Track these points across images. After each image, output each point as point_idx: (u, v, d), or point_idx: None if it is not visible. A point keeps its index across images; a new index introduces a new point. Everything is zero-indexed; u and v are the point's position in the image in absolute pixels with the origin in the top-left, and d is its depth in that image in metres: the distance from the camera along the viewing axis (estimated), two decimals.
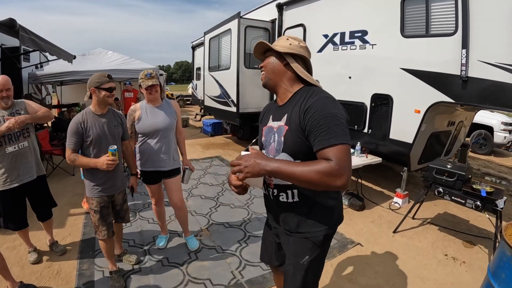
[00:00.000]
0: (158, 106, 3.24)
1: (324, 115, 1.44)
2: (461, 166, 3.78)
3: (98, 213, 2.85)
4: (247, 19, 7.93)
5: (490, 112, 9.29)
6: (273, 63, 1.68)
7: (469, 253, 3.73)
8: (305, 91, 1.62)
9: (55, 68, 9.04)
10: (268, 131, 1.76)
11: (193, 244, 3.66)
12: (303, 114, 1.51)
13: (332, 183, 1.36)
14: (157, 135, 3.19)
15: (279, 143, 1.64)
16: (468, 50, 3.79)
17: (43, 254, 3.53)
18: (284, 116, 1.63)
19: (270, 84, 1.72)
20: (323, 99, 1.51)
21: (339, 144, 1.39)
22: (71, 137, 2.67)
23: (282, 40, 1.69)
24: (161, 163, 3.27)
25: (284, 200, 1.71)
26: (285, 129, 1.60)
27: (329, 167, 1.35)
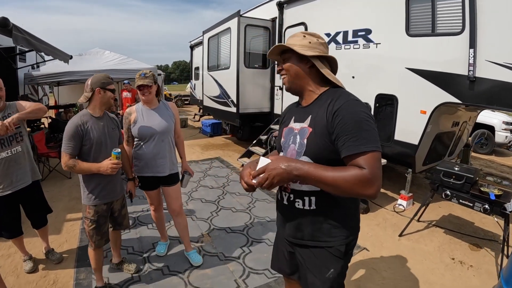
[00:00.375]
0: (155, 109, 3.10)
1: (355, 119, 1.37)
2: (469, 168, 3.69)
3: (95, 223, 2.72)
4: (247, 18, 7.84)
5: (491, 112, 9.22)
6: (296, 67, 1.58)
7: (476, 257, 3.66)
8: (332, 93, 1.53)
9: (51, 69, 8.93)
10: (288, 132, 1.67)
11: (196, 259, 3.42)
12: (331, 116, 1.42)
13: (363, 192, 1.31)
14: (153, 139, 3.04)
15: (301, 145, 1.55)
16: (476, 49, 3.70)
17: (39, 263, 3.42)
18: (308, 118, 1.56)
19: (295, 89, 1.64)
20: (352, 101, 1.43)
21: (371, 151, 1.33)
22: (69, 141, 2.49)
23: (298, 38, 1.57)
24: (159, 168, 3.12)
25: (299, 207, 1.61)
26: (309, 131, 1.52)
27: (362, 175, 1.29)
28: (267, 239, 3.90)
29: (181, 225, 3.40)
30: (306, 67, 1.56)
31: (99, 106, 2.66)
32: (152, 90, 3.00)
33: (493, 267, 3.46)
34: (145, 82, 2.93)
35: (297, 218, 1.64)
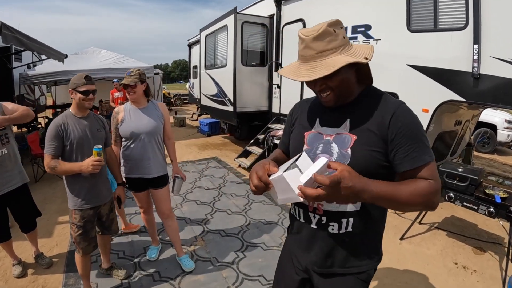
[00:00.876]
0: (143, 108, 3.01)
1: (417, 126, 1.21)
2: (473, 169, 3.56)
3: (82, 229, 2.62)
4: (244, 15, 7.74)
5: (493, 110, 9.10)
6: (347, 79, 1.25)
7: (479, 261, 3.53)
8: (373, 93, 1.32)
9: (47, 68, 8.87)
10: (315, 138, 1.37)
11: (188, 264, 3.30)
12: (388, 123, 1.20)
13: (434, 205, 1.20)
14: (140, 140, 2.96)
15: (342, 156, 1.26)
16: (480, 45, 3.55)
17: (29, 267, 3.33)
18: (346, 122, 1.29)
19: (342, 101, 1.32)
20: (405, 105, 1.26)
21: (432, 160, 1.20)
22: (50, 142, 2.44)
23: (330, 37, 1.17)
24: (146, 170, 3.03)
25: (334, 232, 1.34)
26: (352, 139, 1.26)
27: (434, 187, 1.17)
28: (263, 243, 3.77)
29: (172, 228, 3.28)
30: (353, 72, 1.27)
31: (77, 106, 2.60)
32: (137, 89, 2.91)
33: (497, 272, 3.33)
34: (128, 81, 2.85)
35: (328, 244, 1.37)
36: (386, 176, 1.22)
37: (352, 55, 1.17)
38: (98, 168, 2.45)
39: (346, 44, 1.19)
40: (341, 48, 1.18)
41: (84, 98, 2.52)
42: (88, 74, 2.58)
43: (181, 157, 7.94)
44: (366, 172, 1.14)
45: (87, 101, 2.54)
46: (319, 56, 1.17)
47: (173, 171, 3.25)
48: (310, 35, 1.17)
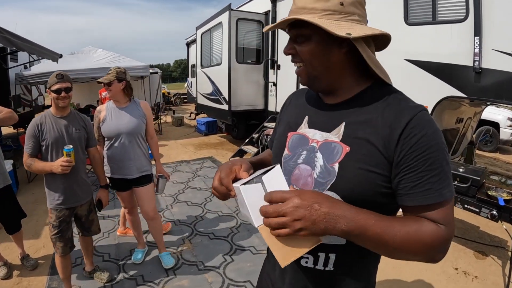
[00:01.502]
0: (124, 108, 2.99)
1: (438, 145, 0.84)
2: (475, 169, 3.38)
3: (57, 228, 2.60)
4: (239, 11, 7.66)
5: (495, 108, 8.93)
6: (321, 54, 0.92)
7: (481, 266, 3.37)
8: (383, 93, 0.94)
9: (42, 68, 8.81)
10: (299, 142, 1.05)
11: (168, 261, 3.26)
12: (398, 136, 0.85)
13: (432, 258, 0.84)
14: (121, 139, 2.95)
15: (326, 173, 0.93)
16: (481, 37, 3.36)
17: (15, 268, 3.29)
18: (340, 126, 0.95)
19: (318, 86, 1.00)
20: (423, 111, 0.88)
21: (451, 198, 0.85)
22: (28, 140, 2.48)
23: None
24: (127, 171, 3.02)
25: (309, 266, 1.02)
26: (344, 150, 0.92)
27: (443, 236, 0.82)
28: (252, 247, 3.62)
29: (156, 229, 3.27)
30: (341, 52, 0.92)
31: (54, 106, 2.58)
32: (112, 87, 2.90)
33: (500, 278, 3.17)
34: (103, 79, 2.87)
35: (300, 278, 1.06)
36: (385, 208, 0.90)
37: (333, 25, 0.86)
38: (67, 169, 2.42)
39: (340, 12, 0.88)
40: (327, 12, 0.87)
41: (57, 96, 2.48)
42: (61, 72, 2.53)
43: (176, 157, 7.85)
44: (358, 199, 0.87)
45: (60, 99, 2.50)
46: (297, 11, 0.91)
47: (157, 171, 3.28)
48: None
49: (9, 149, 7.01)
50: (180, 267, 3.26)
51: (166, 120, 13.94)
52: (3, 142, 7.60)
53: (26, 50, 6.08)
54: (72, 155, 2.41)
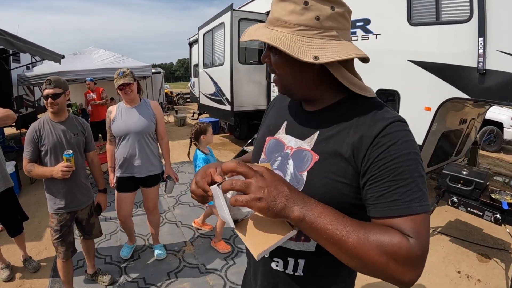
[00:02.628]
0: (134, 107, 3.05)
1: (409, 156, 0.79)
2: (479, 172, 3.35)
3: (58, 233, 2.61)
4: (241, 11, 7.63)
5: (499, 107, 8.85)
6: (292, 71, 0.91)
7: (484, 269, 3.33)
8: (359, 103, 0.92)
9: (45, 69, 8.81)
10: (275, 147, 1.04)
11: (159, 252, 3.47)
12: (367, 146, 0.82)
13: (398, 276, 0.72)
14: (129, 138, 3.00)
15: (295, 180, 0.93)
16: (486, 38, 3.32)
17: (17, 271, 3.31)
18: (314, 135, 0.94)
19: (294, 96, 0.99)
20: (398, 122, 0.84)
21: (425, 213, 0.77)
22: (27, 146, 2.48)
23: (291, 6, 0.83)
24: (135, 169, 3.07)
25: (279, 269, 1.01)
26: (313, 159, 0.91)
27: (407, 248, 0.72)
28: None
29: (153, 222, 3.44)
30: (313, 71, 0.89)
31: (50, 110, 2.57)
32: (133, 87, 2.97)
33: (502, 281, 3.14)
34: (126, 80, 2.87)
35: (270, 281, 1.05)
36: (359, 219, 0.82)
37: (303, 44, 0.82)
38: (67, 174, 2.42)
39: (314, 28, 0.82)
40: (300, 27, 0.82)
41: (46, 102, 2.48)
42: (50, 78, 2.50)
43: (179, 157, 7.82)
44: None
45: (49, 105, 2.48)
46: (271, 22, 0.87)
47: (166, 172, 3.29)
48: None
49: (12, 150, 7.02)
50: (182, 270, 3.25)
51: (169, 120, 13.93)
52: (6, 143, 7.62)
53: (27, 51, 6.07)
54: (72, 160, 2.41)
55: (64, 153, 2.39)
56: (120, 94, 2.96)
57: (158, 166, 3.19)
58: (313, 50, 0.81)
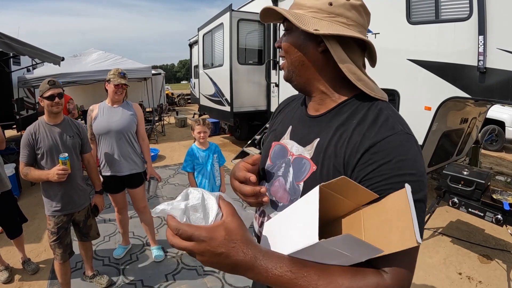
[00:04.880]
0: (117, 107, 3.12)
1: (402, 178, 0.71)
2: (480, 172, 3.31)
3: (55, 235, 2.60)
4: (240, 12, 7.61)
5: (501, 106, 8.80)
6: (298, 51, 0.91)
7: (485, 270, 3.29)
8: (363, 106, 0.87)
9: (45, 71, 8.78)
10: (279, 153, 1.01)
11: (157, 254, 3.46)
12: (359, 154, 0.77)
13: None
14: (111, 137, 3.04)
15: (293, 190, 0.91)
16: (486, 36, 3.29)
17: (16, 272, 3.32)
18: (314, 142, 0.90)
19: (297, 82, 0.96)
20: (400, 138, 0.77)
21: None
22: (23, 150, 2.49)
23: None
24: (117, 168, 3.11)
25: None
26: (311, 169, 0.87)
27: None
28: None
29: (146, 221, 3.46)
30: (317, 51, 0.88)
31: (47, 114, 2.58)
32: (124, 91, 3.11)
33: (504, 283, 3.09)
34: (126, 81, 3.02)
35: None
36: None
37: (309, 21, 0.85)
38: (63, 177, 2.42)
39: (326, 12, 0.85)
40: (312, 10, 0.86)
41: (51, 103, 2.48)
42: (52, 79, 2.55)
43: (179, 158, 7.81)
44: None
45: (54, 105, 2.50)
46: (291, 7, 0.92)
47: (148, 173, 3.34)
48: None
49: (13, 152, 7.00)
50: (179, 272, 3.23)
51: (170, 121, 13.92)
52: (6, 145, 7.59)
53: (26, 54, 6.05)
54: (67, 163, 2.41)
55: (60, 156, 2.39)
56: (110, 92, 3.02)
57: (140, 165, 3.23)
58: (317, 25, 0.83)
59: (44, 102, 2.47)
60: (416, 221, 0.60)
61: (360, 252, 0.63)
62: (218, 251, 0.66)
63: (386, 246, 0.61)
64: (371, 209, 0.70)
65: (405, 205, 0.63)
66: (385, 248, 0.61)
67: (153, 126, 10.60)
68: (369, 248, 0.61)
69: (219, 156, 3.64)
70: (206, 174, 3.52)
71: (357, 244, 0.61)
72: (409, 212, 0.61)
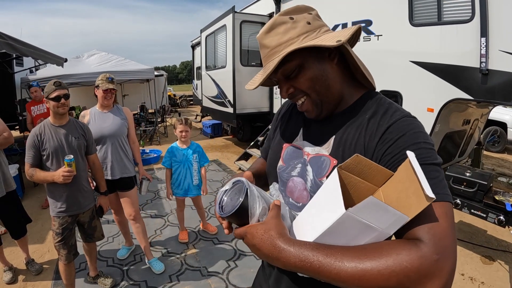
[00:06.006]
0: (108, 112, 3.15)
1: (418, 146, 0.77)
2: (482, 173, 3.31)
3: (60, 236, 2.62)
4: (243, 14, 7.63)
5: (503, 108, 8.78)
6: (320, 73, 0.92)
7: (488, 271, 3.30)
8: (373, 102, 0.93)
9: (48, 72, 8.82)
10: (293, 154, 1.05)
11: (157, 267, 3.29)
12: (375, 142, 0.84)
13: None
14: (104, 142, 3.09)
15: (316, 187, 0.92)
16: (488, 38, 3.29)
17: (20, 273, 3.33)
18: (330, 140, 0.95)
19: (326, 108, 0.97)
20: (407, 118, 0.85)
21: (442, 201, 0.71)
22: (28, 151, 2.48)
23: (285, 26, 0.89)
24: (109, 172, 3.13)
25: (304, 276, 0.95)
26: (332, 163, 0.92)
27: (418, 260, 0.63)
28: None
29: (138, 230, 3.32)
30: (333, 64, 0.93)
31: (53, 115, 2.58)
32: (113, 96, 3.14)
33: (507, 284, 3.10)
34: (114, 86, 3.04)
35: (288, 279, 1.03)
36: None
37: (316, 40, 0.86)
38: (69, 179, 2.43)
39: (314, 30, 0.89)
40: (303, 35, 0.87)
41: (57, 104, 2.49)
42: (58, 80, 2.57)
43: None
44: None
45: (60, 107, 2.51)
46: (273, 53, 0.90)
47: (140, 174, 3.44)
48: (261, 33, 0.93)
49: (15, 153, 7.04)
50: (183, 273, 3.24)
51: (172, 122, 13.92)
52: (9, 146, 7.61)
53: (29, 55, 6.08)
54: (73, 165, 2.41)
55: (65, 158, 2.40)
56: (100, 98, 3.05)
57: (131, 169, 3.27)
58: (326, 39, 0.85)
59: (50, 103, 2.48)
60: (425, 180, 0.62)
61: (386, 221, 0.65)
62: (251, 243, 0.77)
63: (409, 212, 0.63)
64: (388, 186, 0.75)
65: (411, 169, 0.66)
66: (408, 215, 0.63)
67: (156, 127, 10.62)
68: (393, 213, 0.63)
69: (200, 156, 3.74)
70: (183, 173, 3.65)
71: (381, 210, 0.63)
72: (418, 174, 0.64)
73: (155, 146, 9.23)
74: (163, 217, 4.54)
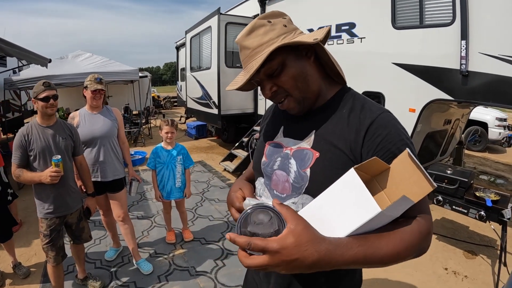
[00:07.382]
0: (97, 113, 3.14)
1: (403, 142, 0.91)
2: (463, 171, 3.43)
3: (48, 237, 2.59)
4: (228, 15, 7.66)
5: (484, 108, 9.03)
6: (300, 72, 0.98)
7: (471, 265, 3.40)
8: (349, 97, 1.03)
9: (31, 73, 8.62)
10: (274, 150, 1.12)
11: (145, 267, 3.27)
12: (362, 138, 0.93)
13: (425, 251, 0.88)
14: (95, 144, 3.07)
15: (300, 178, 1.00)
16: (468, 41, 3.41)
17: (7, 277, 3.28)
18: (310, 135, 1.02)
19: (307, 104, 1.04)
20: (386, 112, 0.97)
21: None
22: (15, 151, 2.46)
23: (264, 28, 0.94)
24: (101, 174, 3.12)
25: None
26: (314, 156, 0.99)
27: (426, 229, 0.86)
28: None
29: (127, 231, 3.31)
30: (311, 61, 1.01)
31: (41, 115, 2.56)
32: (102, 96, 3.10)
33: (489, 277, 3.20)
34: (102, 86, 3.01)
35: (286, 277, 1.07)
36: None
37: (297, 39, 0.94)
38: (56, 179, 2.41)
39: (290, 32, 0.96)
40: (282, 36, 0.94)
41: (46, 105, 2.48)
42: (46, 80, 2.55)
43: None
44: None
45: (49, 107, 2.50)
46: (255, 53, 0.95)
47: (130, 174, 3.43)
48: (241, 35, 0.98)
49: None
50: (172, 273, 3.25)
51: (156, 124, 13.83)
52: None
53: (14, 55, 5.97)
54: (60, 165, 2.40)
55: (53, 158, 2.38)
56: (89, 98, 3.02)
57: (122, 170, 3.27)
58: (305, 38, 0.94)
59: (38, 104, 2.46)
60: (425, 172, 0.77)
61: (401, 210, 0.82)
62: (293, 257, 0.72)
63: (413, 197, 0.76)
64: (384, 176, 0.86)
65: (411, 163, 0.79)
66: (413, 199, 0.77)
67: (140, 129, 10.53)
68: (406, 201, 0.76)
69: (185, 158, 3.76)
70: (166, 174, 3.66)
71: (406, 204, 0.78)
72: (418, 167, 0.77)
73: (139, 148, 9.15)
74: (150, 218, 4.52)
